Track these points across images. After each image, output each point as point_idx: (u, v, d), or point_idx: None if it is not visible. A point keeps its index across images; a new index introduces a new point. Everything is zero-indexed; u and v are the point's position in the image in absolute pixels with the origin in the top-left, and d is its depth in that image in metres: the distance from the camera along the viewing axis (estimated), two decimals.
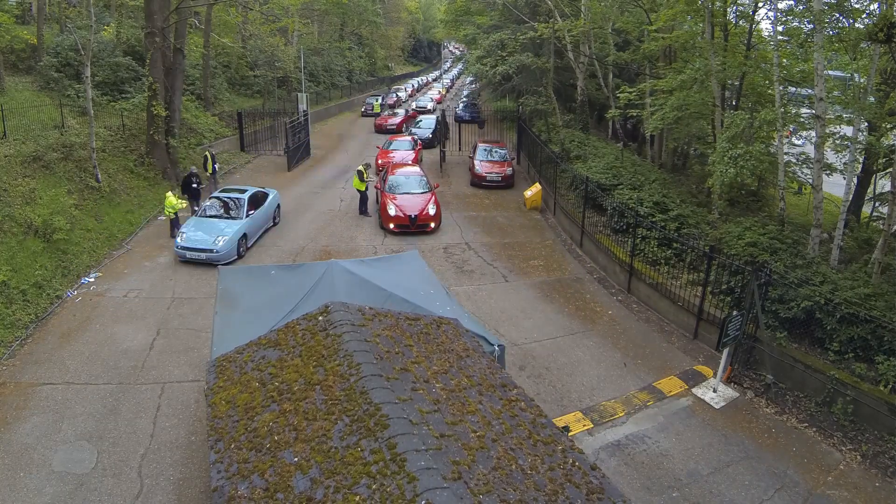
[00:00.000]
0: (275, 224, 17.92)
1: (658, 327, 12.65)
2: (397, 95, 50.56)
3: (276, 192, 18.57)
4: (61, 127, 17.79)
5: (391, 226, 17.79)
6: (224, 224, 15.52)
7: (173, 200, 16.38)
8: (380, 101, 44.74)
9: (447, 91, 62.27)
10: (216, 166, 21.05)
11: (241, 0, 27.36)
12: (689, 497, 7.99)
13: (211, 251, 14.67)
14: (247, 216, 16.02)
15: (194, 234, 15.06)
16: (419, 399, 5.60)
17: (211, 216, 15.97)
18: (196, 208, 17.39)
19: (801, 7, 14.20)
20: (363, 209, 19.45)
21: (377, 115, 40.45)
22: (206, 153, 20.90)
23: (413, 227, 17.70)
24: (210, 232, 15.09)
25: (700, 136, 20.47)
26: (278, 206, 18.36)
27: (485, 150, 24.45)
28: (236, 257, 15.22)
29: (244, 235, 15.65)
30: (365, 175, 19.30)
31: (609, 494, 4.88)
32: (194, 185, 18.12)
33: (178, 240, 15.01)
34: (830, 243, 12.53)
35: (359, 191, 19.35)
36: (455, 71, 77.05)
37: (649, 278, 13.49)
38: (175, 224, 16.45)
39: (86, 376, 10.20)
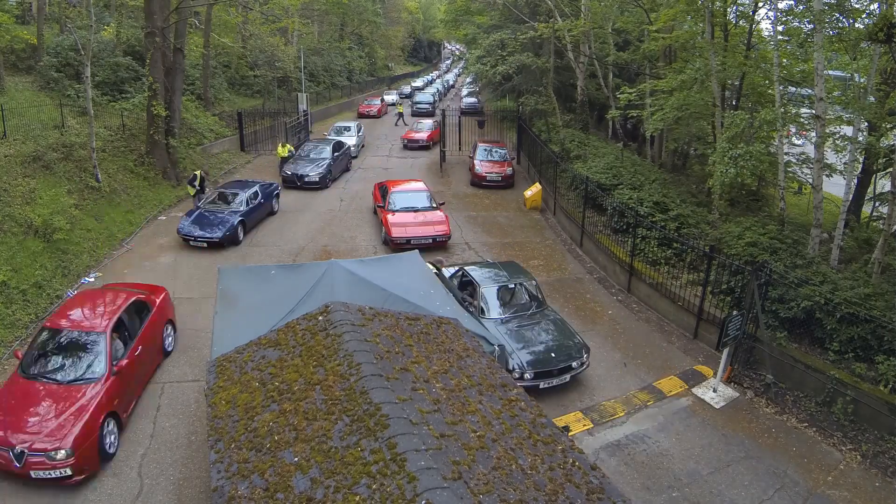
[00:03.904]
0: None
1: (658, 327, 12.65)
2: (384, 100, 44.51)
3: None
4: (61, 127, 17.76)
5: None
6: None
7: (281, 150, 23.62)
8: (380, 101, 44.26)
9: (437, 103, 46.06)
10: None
11: (241, 0, 27.33)
12: (689, 497, 7.99)
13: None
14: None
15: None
16: (419, 399, 5.61)
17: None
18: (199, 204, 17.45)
19: (801, 7, 14.20)
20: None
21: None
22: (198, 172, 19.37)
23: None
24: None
25: (700, 136, 20.49)
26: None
27: (485, 150, 24.41)
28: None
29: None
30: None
31: (609, 494, 4.88)
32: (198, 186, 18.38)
33: None
34: (830, 243, 12.53)
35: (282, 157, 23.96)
36: (451, 75, 76.55)
37: (649, 278, 13.48)
38: (284, 162, 23.13)
39: None
